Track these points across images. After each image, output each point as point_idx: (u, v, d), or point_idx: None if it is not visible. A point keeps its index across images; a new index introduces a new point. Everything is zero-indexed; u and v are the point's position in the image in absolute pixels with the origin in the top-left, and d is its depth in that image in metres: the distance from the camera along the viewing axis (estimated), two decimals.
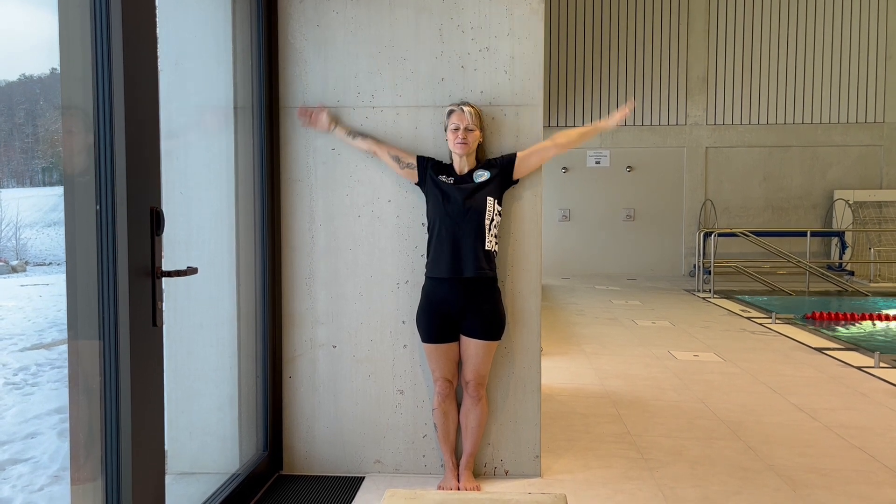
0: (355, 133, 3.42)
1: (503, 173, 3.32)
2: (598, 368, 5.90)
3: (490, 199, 3.26)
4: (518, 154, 3.34)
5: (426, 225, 3.38)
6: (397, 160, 3.38)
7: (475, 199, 3.24)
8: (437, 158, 3.39)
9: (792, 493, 3.35)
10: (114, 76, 2.07)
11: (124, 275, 2.09)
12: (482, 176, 3.28)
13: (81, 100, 2.11)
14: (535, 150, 3.36)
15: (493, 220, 3.27)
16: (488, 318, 3.28)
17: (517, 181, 3.37)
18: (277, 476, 3.54)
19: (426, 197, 3.34)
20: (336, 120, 3.43)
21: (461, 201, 3.23)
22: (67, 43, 2.09)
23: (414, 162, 3.36)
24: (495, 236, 3.29)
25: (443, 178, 3.29)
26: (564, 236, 14.50)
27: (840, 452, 3.91)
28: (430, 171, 3.32)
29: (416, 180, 3.36)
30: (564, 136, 3.41)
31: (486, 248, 3.25)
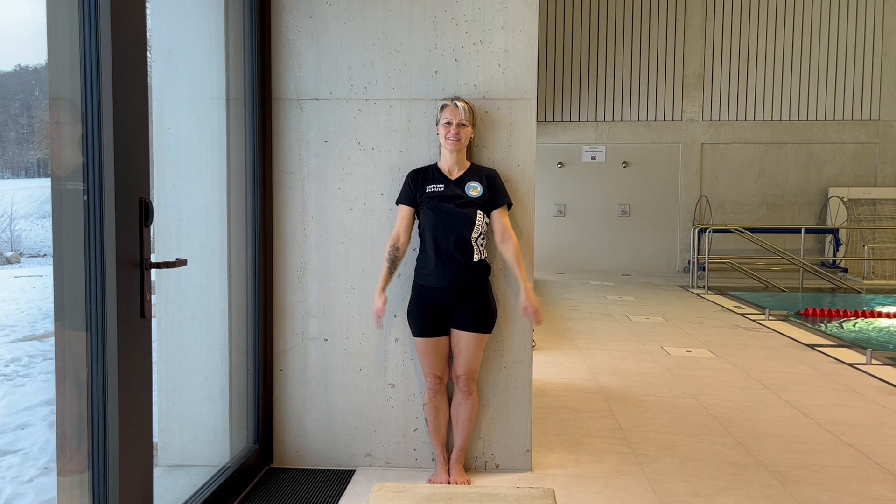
0: (393, 263, 3.31)
1: (491, 199, 3.27)
2: (590, 363, 5.91)
3: (480, 213, 3.25)
4: (497, 213, 3.27)
5: (419, 231, 3.36)
6: (412, 223, 3.33)
7: (465, 213, 3.22)
8: (416, 168, 3.35)
9: (782, 489, 3.36)
10: (102, 66, 2.06)
11: (112, 266, 2.08)
12: (474, 189, 3.25)
13: (69, 90, 2.09)
14: (502, 228, 3.27)
15: (480, 233, 3.26)
16: (479, 310, 3.28)
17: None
18: (268, 469, 3.53)
19: (419, 210, 3.31)
20: (380, 292, 3.30)
21: (451, 212, 3.21)
22: (56, 33, 2.07)
23: (406, 208, 3.30)
24: (483, 246, 3.28)
25: (432, 188, 3.26)
26: (559, 231, 14.50)
27: (830, 449, 3.92)
28: (417, 190, 3.28)
29: (416, 209, 3.32)
30: (514, 251, 3.28)
31: (475, 260, 3.25)
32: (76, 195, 2.08)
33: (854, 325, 7.93)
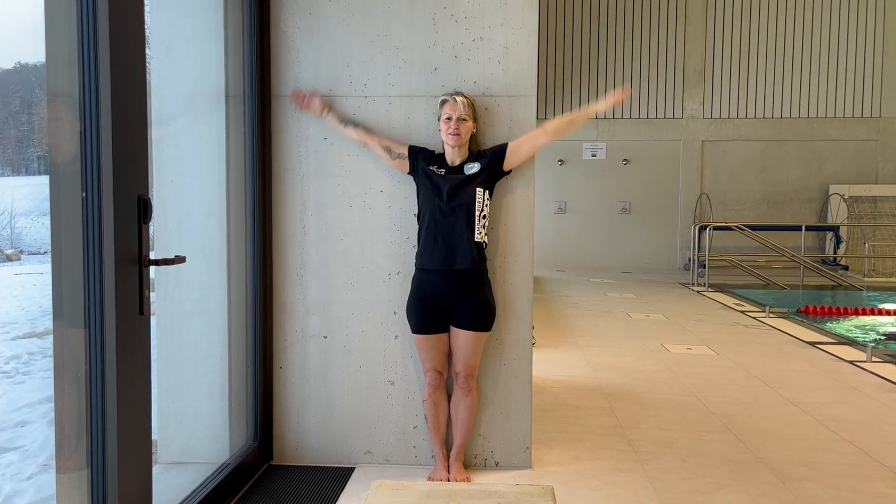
0: (347, 121, 3.41)
1: (493, 164, 3.29)
2: (591, 361, 5.91)
3: (479, 191, 3.24)
4: (509, 144, 3.32)
5: (417, 215, 3.36)
6: (388, 151, 3.36)
7: (465, 192, 3.22)
8: (429, 148, 3.37)
9: (781, 486, 3.35)
10: (100, 62, 2.05)
11: (110, 263, 2.08)
12: (472, 168, 3.26)
13: (68, 86, 2.09)
14: (525, 140, 3.33)
15: (482, 211, 3.25)
16: (478, 308, 3.27)
17: (509, 172, 3.35)
18: (267, 466, 3.53)
19: (417, 187, 3.32)
20: (328, 106, 3.41)
21: (451, 194, 3.21)
22: (54, 29, 2.07)
23: (405, 152, 3.34)
24: (485, 227, 3.27)
25: (434, 168, 3.27)
26: (560, 229, 14.49)
27: (830, 446, 3.92)
28: (421, 161, 3.30)
29: (408, 170, 3.34)
30: (554, 122, 3.37)
31: (476, 240, 3.23)
32: (75, 192, 2.08)
33: (855, 322, 7.93)
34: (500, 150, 3.30)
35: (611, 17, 14.31)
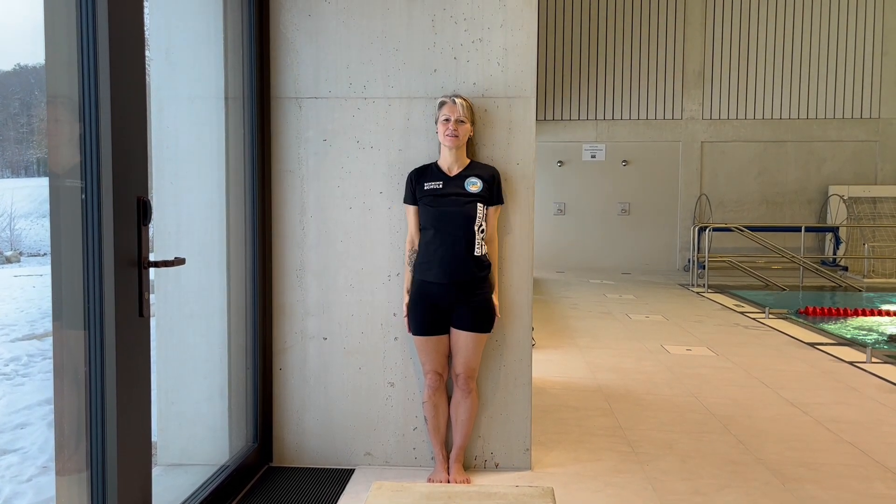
0: (410, 263, 3.38)
1: (490, 195, 3.30)
2: (590, 362, 5.91)
3: (480, 206, 3.26)
4: (498, 209, 3.36)
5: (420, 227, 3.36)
6: (417, 223, 3.37)
7: (465, 207, 3.23)
8: (414, 168, 3.36)
9: (781, 487, 3.35)
10: (100, 65, 2.06)
11: (110, 265, 2.08)
12: (474, 184, 3.26)
13: (67, 88, 2.09)
14: (493, 224, 3.35)
15: (481, 225, 3.26)
16: (479, 310, 3.27)
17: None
18: (267, 468, 3.53)
19: (419, 206, 3.32)
20: (406, 294, 3.40)
21: (451, 208, 3.22)
22: (53, 31, 2.07)
23: (412, 207, 3.35)
24: (484, 239, 3.28)
25: (430, 185, 3.27)
26: (560, 230, 14.49)
27: (830, 447, 3.92)
28: (416, 189, 3.31)
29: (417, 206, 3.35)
30: (495, 251, 3.38)
31: (476, 254, 3.24)
32: (74, 194, 2.08)
33: (855, 323, 7.92)
34: (498, 197, 3.34)
35: (610, 18, 14.32)
